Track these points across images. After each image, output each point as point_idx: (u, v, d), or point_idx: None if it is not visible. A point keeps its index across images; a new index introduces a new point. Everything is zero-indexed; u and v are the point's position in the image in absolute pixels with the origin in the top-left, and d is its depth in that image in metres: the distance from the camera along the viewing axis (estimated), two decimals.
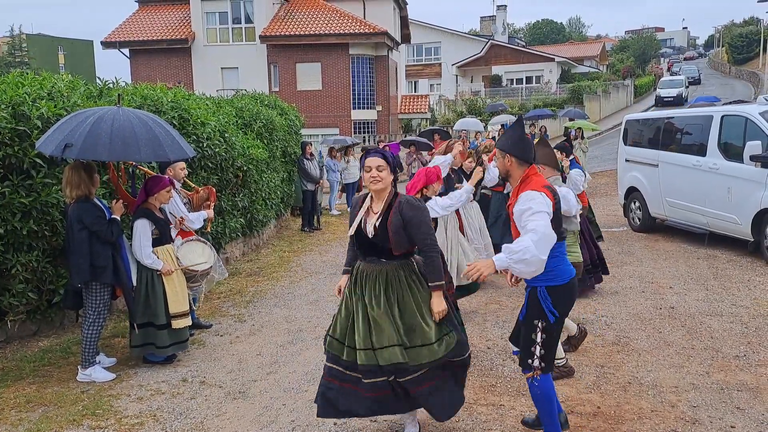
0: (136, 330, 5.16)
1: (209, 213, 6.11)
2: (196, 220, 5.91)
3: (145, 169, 5.93)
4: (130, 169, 5.66)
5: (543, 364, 3.61)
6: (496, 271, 3.41)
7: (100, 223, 4.85)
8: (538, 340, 3.60)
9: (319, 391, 3.88)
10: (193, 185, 6.47)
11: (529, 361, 3.63)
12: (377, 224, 3.73)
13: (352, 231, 3.82)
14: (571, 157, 7.37)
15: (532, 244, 3.29)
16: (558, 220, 3.65)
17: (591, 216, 9.00)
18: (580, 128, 17.92)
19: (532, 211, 3.45)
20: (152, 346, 5.22)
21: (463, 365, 3.90)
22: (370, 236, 3.76)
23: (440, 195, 5.57)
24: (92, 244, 4.84)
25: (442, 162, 6.31)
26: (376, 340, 3.69)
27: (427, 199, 5.23)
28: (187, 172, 6.19)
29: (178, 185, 6.01)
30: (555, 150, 7.23)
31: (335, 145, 15.37)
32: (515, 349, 3.94)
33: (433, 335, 3.71)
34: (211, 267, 5.70)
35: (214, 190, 6.46)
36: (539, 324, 3.60)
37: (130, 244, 5.26)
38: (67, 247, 5.02)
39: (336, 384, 3.79)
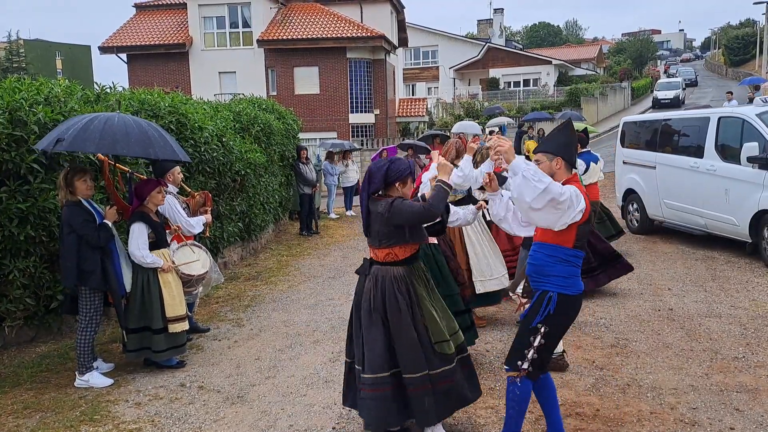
0: (125, 336, 5.15)
1: (207, 217, 6.11)
2: (197, 224, 5.91)
3: (142, 176, 5.92)
4: (127, 175, 5.66)
5: (531, 369, 3.54)
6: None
7: (88, 227, 4.84)
8: (536, 344, 3.53)
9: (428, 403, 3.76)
10: (189, 190, 6.47)
11: (519, 362, 3.56)
12: None
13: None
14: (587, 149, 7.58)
15: (546, 185, 3.35)
16: (587, 226, 3.61)
17: (603, 214, 8.94)
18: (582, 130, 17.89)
19: (561, 187, 3.46)
20: (148, 351, 5.21)
21: None
22: None
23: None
24: (80, 248, 4.85)
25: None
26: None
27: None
28: (182, 177, 6.20)
29: (174, 190, 6.01)
30: None
31: (333, 149, 15.36)
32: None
33: None
34: (207, 272, 5.68)
35: (210, 195, 6.46)
36: (542, 329, 3.53)
37: (126, 250, 5.24)
38: (59, 251, 5.03)
39: (447, 384, 3.82)
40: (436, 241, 5.24)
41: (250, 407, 4.60)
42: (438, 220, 5.14)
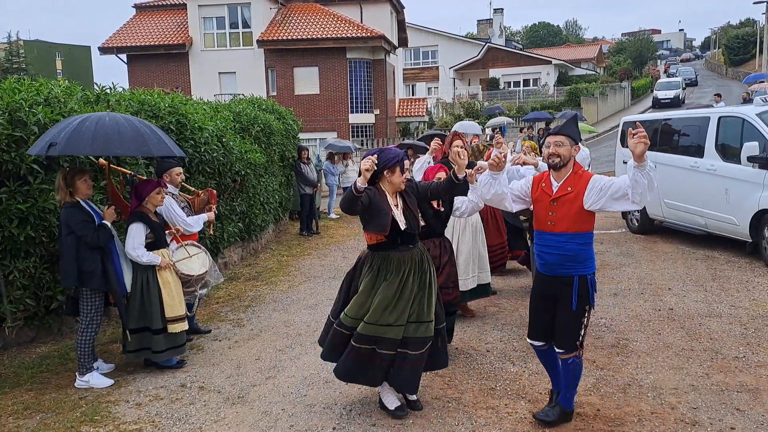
0: (128, 336, 5.15)
1: (210, 216, 6.10)
2: (195, 223, 5.89)
3: (143, 177, 5.92)
4: (128, 177, 5.67)
5: (583, 343, 3.99)
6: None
7: (86, 227, 4.84)
8: (585, 323, 3.93)
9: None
10: (193, 189, 6.46)
11: (577, 343, 3.94)
12: (404, 212, 4.23)
13: (387, 230, 4.12)
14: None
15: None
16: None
17: None
18: None
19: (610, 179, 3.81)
20: (148, 351, 5.21)
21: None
22: (403, 227, 4.17)
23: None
24: (79, 249, 4.84)
25: (420, 164, 6.32)
26: (426, 314, 4.21)
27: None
28: (183, 177, 6.19)
29: (175, 190, 6.00)
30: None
31: (339, 152, 15.25)
32: (538, 343, 4.15)
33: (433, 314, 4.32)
34: (207, 272, 5.68)
35: (215, 192, 6.44)
36: (587, 309, 3.92)
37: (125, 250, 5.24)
38: (59, 252, 5.02)
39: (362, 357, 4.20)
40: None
41: (250, 408, 4.60)
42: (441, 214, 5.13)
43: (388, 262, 4.20)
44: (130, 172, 5.74)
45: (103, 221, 4.97)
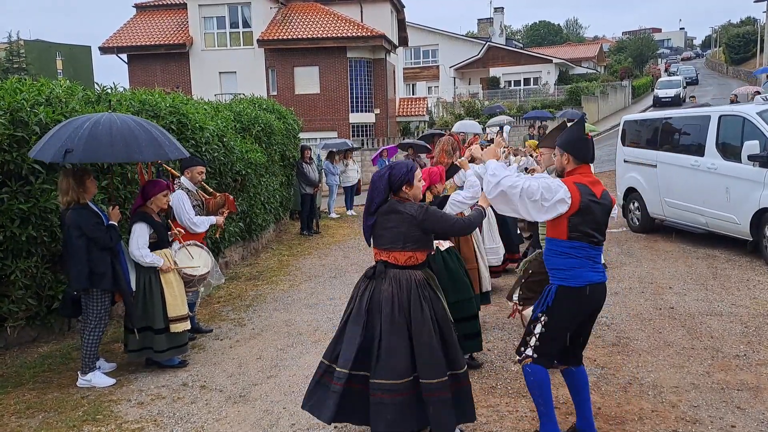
0: (137, 335, 5.16)
1: (219, 220, 6.13)
2: (201, 224, 5.91)
3: (170, 169, 6.09)
4: (158, 167, 5.81)
5: (536, 355, 3.66)
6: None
7: (98, 229, 4.84)
8: (536, 332, 3.67)
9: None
10: (212, 190, 6.49)
11: (522, 348, 3.72)
12: None
13: None
14: None
15: (509, 181, 3.60)
16: (585, 217, 3.61)
17: None
18: None
19: (542, 178, 3.69)
20: (150, 351, 5.22)
21: None
22: None
23: None
24: (90, 250, 4.83)
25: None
26: None
27: (445, 197, 5.00)
28: (204, 177, 6.23)
29: (193, 188, 6.05)
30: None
31: (335, 149, 15.30)
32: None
33: None
34: (209, 272, 5.69)
35: (233, 199, 6.45)
36: (542, 318, 3.66)
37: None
38: (64, 255, 5.02)
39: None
40: (452, 244, 5.10)
41: (252, 406, 4.61)
42: None
43: (430, 274, 3.99)
44: (160, 162, 5.85)
45: (110, 221, 4.99)
